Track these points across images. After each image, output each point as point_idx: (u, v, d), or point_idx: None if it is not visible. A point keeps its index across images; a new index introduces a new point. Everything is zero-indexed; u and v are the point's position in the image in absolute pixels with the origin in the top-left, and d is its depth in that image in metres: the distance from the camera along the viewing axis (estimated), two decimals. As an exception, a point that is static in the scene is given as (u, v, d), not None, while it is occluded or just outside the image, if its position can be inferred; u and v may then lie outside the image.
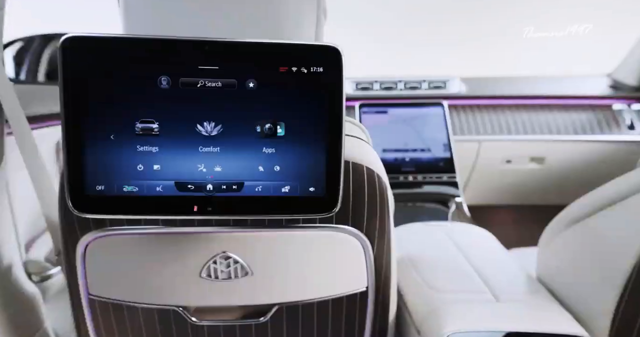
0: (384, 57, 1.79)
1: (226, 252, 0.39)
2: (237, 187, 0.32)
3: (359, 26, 1.84)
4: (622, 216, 0.42)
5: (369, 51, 1.78)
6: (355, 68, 1.58)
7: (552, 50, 1.53)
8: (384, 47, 1.85)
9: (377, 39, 1.85)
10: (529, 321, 0.43)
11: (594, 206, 0.46)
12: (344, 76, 0.31)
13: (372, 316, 0.45)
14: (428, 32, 1.82)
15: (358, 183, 0.38)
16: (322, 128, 0.32)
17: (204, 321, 0.42)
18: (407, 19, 1.88)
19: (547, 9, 1.64)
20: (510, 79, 1.26)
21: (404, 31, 1.85)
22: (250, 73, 0.31)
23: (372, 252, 0.41)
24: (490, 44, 1.72)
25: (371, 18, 1.90)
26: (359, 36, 1.84)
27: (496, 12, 1.79)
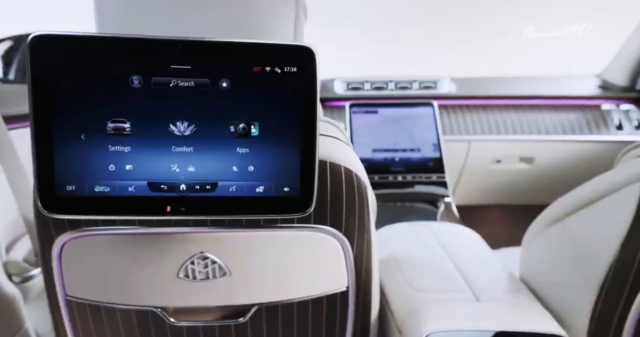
0: (383, 57, 1.79)
1: (204, 252, 0.38)
2: (211, 188, 0.32)
3: (358, 26, 1.84)
4: (600, 215, 0.42)
5: (367, 51, 1.78)
6: (353, 67, 1.58)
7: (552, 51, 1.54)
8: (382, 47, 1.85)
9: (377, 38, 1.86)
10: (507, 320, 0.43)
11: (573, 205, 0.46)
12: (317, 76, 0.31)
13: (354, 316, 0.45)
14: (427, 32, 1.82)
15: (336, 183, 0.38)
16: (296, 128, 0.32)
17: (183, 321, 0.42)
18: (406, 19, 1.88)
19: (547, 9, 1.64)
20: (501, 79, 1.27)
21: (402, 31, 1.85)
22: (224, 73, 0.31)
23: (351, 252, 0.42)
24: (489, 44, 1.73)
25: (370, 18, 1.90)
26: (358, 36, 1.85)
27: (495, 12, 1.79)
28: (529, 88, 1.22)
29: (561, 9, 1.62)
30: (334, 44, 1.80)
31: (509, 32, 1.66)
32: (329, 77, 1.25)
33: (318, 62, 0.31)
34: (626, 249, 0.39)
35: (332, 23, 1.82)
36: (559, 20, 1.53)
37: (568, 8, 1.61)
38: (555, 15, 1.60)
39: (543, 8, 1.68)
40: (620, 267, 0.40)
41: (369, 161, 1.06)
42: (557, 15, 1.59)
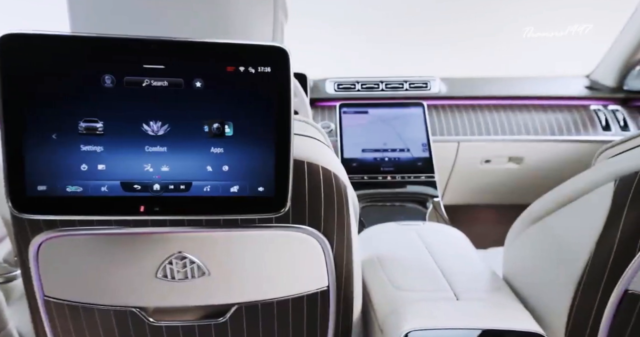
0: (377, 56, 1.79)
1: (182, 252, 0.38)
2: (185, 187, 0.32)
3: (351, 26, 1.84)
4: (576, 214, 0.43)
5: (362, 50, 1.78)
6: (348, 67, 1.58)
7: (552, 51, 1.54)
8: (376, 46, 1.85)
9: (370, 38, 1.86)
10: (486, 318, 0.44)
11: (552, 204, 0.47)
12: (291, 76, 0.32)
13: (335, 315, 0.46)
14: (423, 32, 1.82)
15: (314, 183, 0.38)
16: (271, 128, 0.32)
17: (162, 321, 0.42)
18: (400, 18, 1.88)
19: (546, 9, 1.65)
20: (491, 80, 1.27)
21: (396, 31, 1.85)
22: (197, 72, 0.31)
23: (331, 251, 0.42)
24: (485, 44, 1.73)
25: (365, 18, 1.90)
26: (351, 35, 1.84)
27: (495, 12, 1.79)
28: (518, 88, 1.23)
29: (561, 9, 1.63)
30: (328, 44, 1.80)
31: (506, 32, 1.66)
32: (320, 77, 1.25)
33: (292, 62, 0.32)
34: (601, 248, 0.40)
35: (328, 23, 1.82)
36: (559, 20, 1.53)
37: (568, 8, 1.61)
38: (555, 16, 1.61)
39: (543, 8, 1.68)
40: (596, 265, 0.40)
41: (359, 161, 1.06)
42: (557, 16, 1.60)
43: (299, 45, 1.62)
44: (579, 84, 1.26)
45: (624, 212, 0.37)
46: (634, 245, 0.37)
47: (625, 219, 0.37)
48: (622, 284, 0.39)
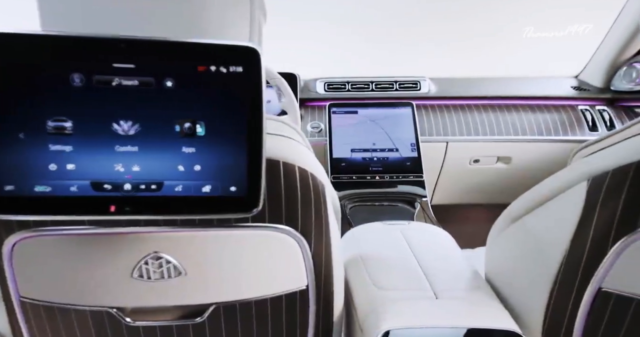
0: (375, 56, 1.79)
1: (158, 252, 0.38)
2: (157, 187, 0.32)
3: (351, 26, 1.84)
4: (552, 214, 0.43)
5: (360, 51, 1.78)
6: (346, 67, 1.58)
7: (552, 51, 1.55)
8: (374, 46, 1.85)
9: (368, 38, 1.86)
10: (463, 316, 0.44)
11: (529, 204, 0.47)
12: (262, 76, 0.32)
13: (315, 315, 0.46)
14: (423, 32, 1.83)
15: (290, 183, 0.38)
16: (243, 128, 0.32)
17: (139, 321, 0.41)
18: (399, 19, 1.88)
19: (547, 9, 1.65)
20: (481, 80, 1.28)
21: (395, 31, 1.85)
22: (168, 72, 0.31)
23: (309, 251, 0.42)
24: (487, 44, 1.74)
25: (363, 18, 1.90)
26: (350, 35, 1.84)
27: (495, 12, 1.79)
28: (508, 89, 1.23)
29: (561, 9, 1.63)
30: (326, 44, 1.80)
31: (506, 32, 1.66)
32: (311, 78, 1.25)
33: (263, 62, 0.32)
34: (575, 246, 0.40)
35: (328, 22, 1.81)
36: (559, 21, 1.54)
37: (568, 8, 1.62)
38: (555, 15, 1.61)
39: (543, 7, 1.69)
40: (570, 264, 0.41)
41: (348, 161, 1.06)
42: (556, 15, 1.60)
43: (293, 45, 1.62)
44: (567, 84, 1.27)
45: (596, 211, 0.38)
46: (605, 244, 0.38)
47: (597, 218, 0.38)
48: (596, 282, 0.39)
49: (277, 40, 1.83)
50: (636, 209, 0.35)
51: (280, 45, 1.79)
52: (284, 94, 0.93)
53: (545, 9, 1.69)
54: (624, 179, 0.35)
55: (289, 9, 1.90)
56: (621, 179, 0.35)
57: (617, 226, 0.36)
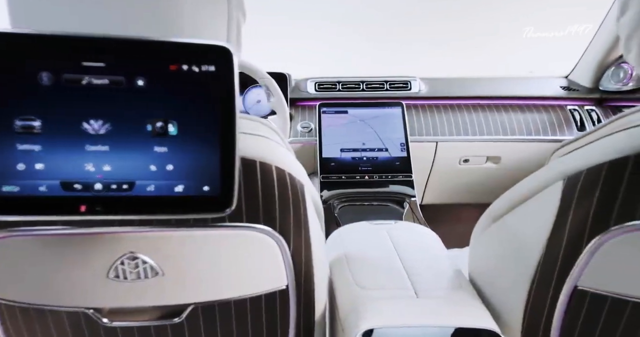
0: (376, 56, 1.79)
1: (134, 252, 0.38)
2: (128, 187, 0.31)
3: (352, 25, 1.84)
4: (530, 213, 0.44)
5: (361, 50, 1.78)
6: (347, 66, 1.57)
7: (550, 51, 1.56)
8: (375, 46, 1.84)
9: (370, 37, 1.86)
10: (442, 315, 0.44)
11: (510, 203, 0.47)
12: (235, 75, 0.32)
13: (296, 314, 0.46)
14: (423, 32, 1.83)
15: (267, 182, 0.38)
16: (215, 127, 0.32)
17: (116, 322, 0.41)
18: (400, 18, 1.88)
19: (547, 9, 1.65)
20: (472, 80, 1.29)
21: (396, 31, 1.85)
22: (139, 71, 0.30)
23: (288, 250, 0.42)
24: (485, 44, 1.74)
25: (364, 17, 1.90)
26: (352, 35, 1.84)
27: (496, 11, 1.79)
28: (498, 89, 1.24)
29: (561, 8, 1.64)
30: (327, 43, 1.80)
31: (506, 31, 1.67)
32: (302, 77, 1.25)
33: (236, 61, 0.32)
34: (551, 246, 0.40)
35: (329, 22, 1.81)
36: (559, 21, 1.54)
37: (568, 7, 1.63)
38: (555, 15, 1.62)
39: (542, 8, 1.69)
40: (547, 263, 0.41)
41: (337, 161, 1.06)
42: (556, 15, 1.60)
43: (293, 44, 1.61)
44: (557, 84, 1.27)
45: (571, 210, 0.38)
46: (580, 242, 0.38)
47: (572, 218, 0.38)
48: (572, 281, 0.39)
49: (276, 40, 1.82)
50: (609, 208, 0.35)
51: (281, 44, 1.79)
52: (272, 94, 0.93)
53: (546, 9, 1.70)
54: (597, 178, 0.35)
55: (288, 9, 1.90)
56: (594, 178, 0.36)
57: (591, 225, 0.37)
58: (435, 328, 0.42)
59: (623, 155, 0.34)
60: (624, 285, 0.37)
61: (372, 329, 0.43)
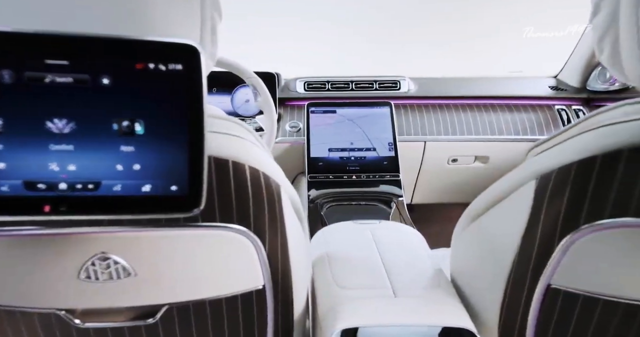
0: (376, 57, 1.78)
1: (105, 253, 0.38)
2: (94, 187, 0.31)
3: (353, 26, 1.84)
4: (505, 213, 0.44)
5: (362, 52, 1.78)
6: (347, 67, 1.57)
7: (548, 51, 1.56)
8: (377, 47, 1.84)
9: (370, 39, 1.86)
10: (419, 314, 0.44)
11: (486, 203, 0.47)
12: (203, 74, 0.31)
13: (274, 314, 0.45)
14: (424, 33, 1.83)
15: (240, 182, 0.38)
16: (183, 127, 0.32)
17: (89, 323, 0.41)
18: (401, 19, 1.88)
19: (547, 10, 1.66)
20: (461, 80, 1.29)
21: (397, 31, 1.85)
22: (104, 69, 0.30)
23: (264, 250, 0.41)
24: (488, 44, 1.74)
25: (365, 18, 1.90)
26: (353, 36, 1.84)
27: (496, 11, 1.80)
28: (488, 89, 1.25)
29: (561, 9, 1.64)
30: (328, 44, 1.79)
31: (506, 31, 1.67)
32: (291, 77, 1.25)
33: (204, 60, 0.31)
34: (525, 245, 0.40)
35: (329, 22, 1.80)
36: (559, 21, 1.55)
37: (568, 8, 1.64)
38: (555, 15, 1.62)
39: (542, 8, 1.70)
40: (521, 262, 0.41)
41: (325, 160, 1.06)
42: (557, 15, 1.61)
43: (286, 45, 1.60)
44: (546, 84, 1.28)
45: (543, 209, 0.38)
46: (552, 241, 0.38)
47: (545, 217, 0.38)
48: (545, 280, 0.40)
49: (277, 41, 1.81)
50: (578, 207, 0.36)
51: (281, 46, 1.78)
52: (259, 93, 0.92)
53: (546, 10, 1.71)
54: (567, 178, 0.36)
55: (288, 10, 1.89)
56: (564, 178, 0.36)
57: (562, 224, 0.37)
58: (409, 327, 0.42)
59: (591, 154, 0.34)
60: (595, 283, 0.38)
61: (357, 328, 0.43)
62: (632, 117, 0.34)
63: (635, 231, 0.34)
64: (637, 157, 0.32)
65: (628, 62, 0.36)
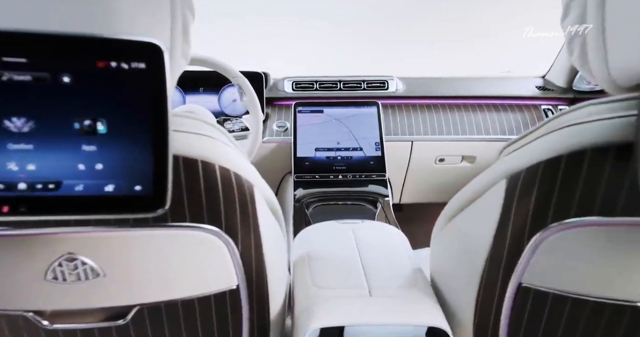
0: (375, 57, 1.78)
1: (73, 253, 0.37)
2: (55, 187, 0.31)
3: (351, 26, 1.83)
4: (478, 212, 0.44)
5: (357, 51, 1.77)
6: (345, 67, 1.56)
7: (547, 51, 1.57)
8: (376, 47, 1.84)
9: (370, 38, 1.85)
10: (392, 314, 0.44)
11: (461, 202, 0.47)
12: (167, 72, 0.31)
13: (249, 314, 0.45)
14: (424, 32, 1.83)
15: (210, 182, 0.38)
16: (147, 126, 0.31)
17: (57, 325, 0.40)
18: (401, 19, 1.88)
19: (547, 10, 1.67)
20: (449, 80, 1.29)
21: (396, 31, 1.84)
22: (64, 67, 0.30)
23: (237, 250, 0.41)
24: (488, 45, 1.74)
25: (364, 18, 1.90)
26: (352, 35, 1.84)
27: (496, 10, 1.80)
28: (476, 89, 1.25)
29: (559, 9, 1.66)
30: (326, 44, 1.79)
31: (505, 31, 1.67)
32: (279, 77, 1.25)
33: (167, 59, 0.31)
34: (496, 245, 0.40)
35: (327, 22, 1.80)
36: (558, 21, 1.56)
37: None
38: (555, 16, 1.64)
39: (542, 7, 1.71)
40: (493, 262, 0.41)
41: (311, 160, 1.06)
42: (556, 16, 1.63)
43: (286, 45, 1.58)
44: (534, 84, 1.29)
45: (512, 209, 0.38)
46: (522, 241, 0.38)
47: (514, 216, 0.38)
48: (516, 278, 0.40)
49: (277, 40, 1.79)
50: (546, 206, 0.36)
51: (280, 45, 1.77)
52: (245, 93, 0.92)
53: (545, 9, 1.71)
54: (534, 177, 0.36)
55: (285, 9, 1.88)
56: (532, 177, 0.36)
57: (531, 223, 0.37)
58: (382, 327, 0.42)
59: (557, 154, 0.34)
60: (563, 282, 0.38)
61: (343, 327, 0.43)
62: (596, 117, 0.34)
63: (600, 229, 0.34)
64: (600, 157, 0.32)
65: (595, 63, 0.36)
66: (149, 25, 0.37)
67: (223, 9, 1.69)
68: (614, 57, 0.34)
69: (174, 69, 0.40)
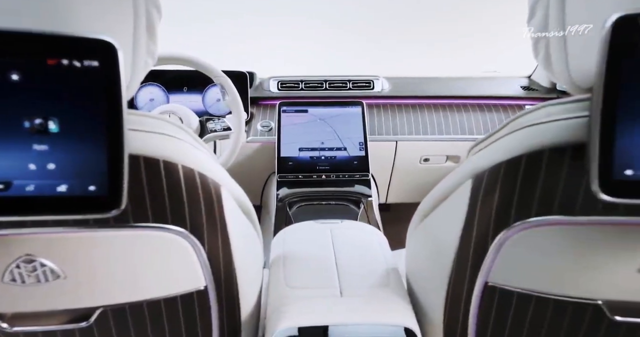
0: (374, 57, 1.78)
1: (31, 255, 0.37)
2: (4, 187, 0.30)
3: (351, 26, 1.83)
4: (446, 212, 0.44)
5: (357, 51, 1.77)
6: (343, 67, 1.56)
7: None
8: (375, 46, 1.83)
9: (370, 38, 1.84)
10: (362, 313, 0.44)
11: (432, 202, 0.47)
12: (121, 71, 0.30)
13: (218, 315, 0.45)
14: (424, 32, 1.83)
15: (173, 182, 0.37)
16: (101, 125, 0.31)
17: (17, 327, 0.39)
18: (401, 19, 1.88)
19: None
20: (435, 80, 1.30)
21: (396, 30, 1.84)
22: (13, 65, 0.29)
23: (204, 251, 0.41)
24: (487, 45, 1.74)
25: (362, 17, 1.89)
26: (350, 35, 1.83)
27: (496, 10, 1.80)
28: (462, 89, 1.25)
29: None
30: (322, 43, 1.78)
31: (506, 31, 1.68)
32: (264, 76, 1.24)
33: (121, 57, 0.30)
34: (463, 244, 0.40)
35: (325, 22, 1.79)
36: None
37: None
38: None
39: None
40: (460, 261, 0.41)
41: (295, 160, 1.06)
42: None
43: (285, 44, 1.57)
44: (519, 84, 1.30)
45: (477, 209, 0.38)
46: (486, 240, 0.38)
47: (479, 216, 0.38)
48: (482, 278, 0.40)
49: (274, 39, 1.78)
50: (508, 206, 0.36)
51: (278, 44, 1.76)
52: (227, 93, 0.91)
53: None
54: (497, 177, 0.36)
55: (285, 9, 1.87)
56: (495, 177, 0.36)
57: (495, 223, 0.37)
58: (349, 327, 0.42)
59: (517, 154, 0.34)
60: (527, 280, 0.38)
61: (327, 326, 0.42)
62: (554, 117, 0.34)
63: (561, 228, 0.34)
64: (557, 157, 0.33)
65: (557, 64, 0.37)
66: (110, 23, 0.37)
67: (223, 8, 1.68)
68: (574, 58, 0.35)
69: (139, 67, 0.40)
